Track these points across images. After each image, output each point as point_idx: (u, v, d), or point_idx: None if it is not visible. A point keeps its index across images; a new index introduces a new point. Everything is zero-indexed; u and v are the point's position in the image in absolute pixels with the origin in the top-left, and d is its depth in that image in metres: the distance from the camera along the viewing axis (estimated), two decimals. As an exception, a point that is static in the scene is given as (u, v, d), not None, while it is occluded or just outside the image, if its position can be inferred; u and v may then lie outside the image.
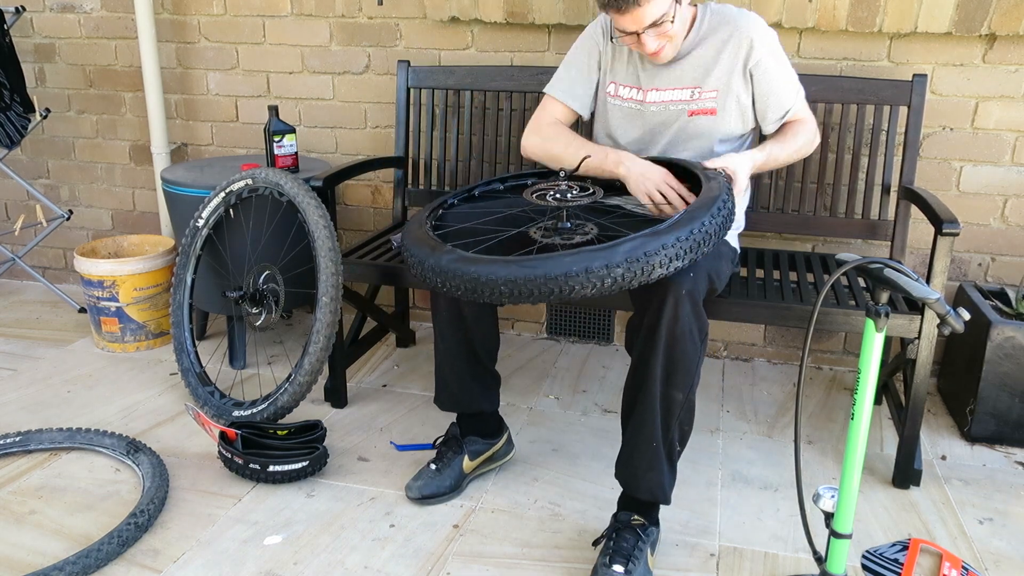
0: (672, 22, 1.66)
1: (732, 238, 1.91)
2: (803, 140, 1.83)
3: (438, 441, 1.96)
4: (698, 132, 1.82)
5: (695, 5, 1.82)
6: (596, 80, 1.92)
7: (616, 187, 1.81)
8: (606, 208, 1.86)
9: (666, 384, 1.53)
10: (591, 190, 1.68)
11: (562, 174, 1.71)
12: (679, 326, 1.50)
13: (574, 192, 1.67)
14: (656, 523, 1.66)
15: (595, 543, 1.66)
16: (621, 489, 1.67)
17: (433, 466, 1.88)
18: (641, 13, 1.61)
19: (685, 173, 1.73)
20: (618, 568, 1.54)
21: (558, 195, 1.66)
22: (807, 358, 1.94)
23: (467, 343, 1.81)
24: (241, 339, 2.57)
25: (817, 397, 2.42)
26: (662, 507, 1.71)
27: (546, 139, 1.88)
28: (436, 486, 1.85)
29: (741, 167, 1.69)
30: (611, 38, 1.84)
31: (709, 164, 1.67)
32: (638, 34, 1.66)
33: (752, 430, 2.22)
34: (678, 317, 1.49)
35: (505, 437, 1.99)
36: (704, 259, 1.58)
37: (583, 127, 2.05)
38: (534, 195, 1.68)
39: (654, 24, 1.64)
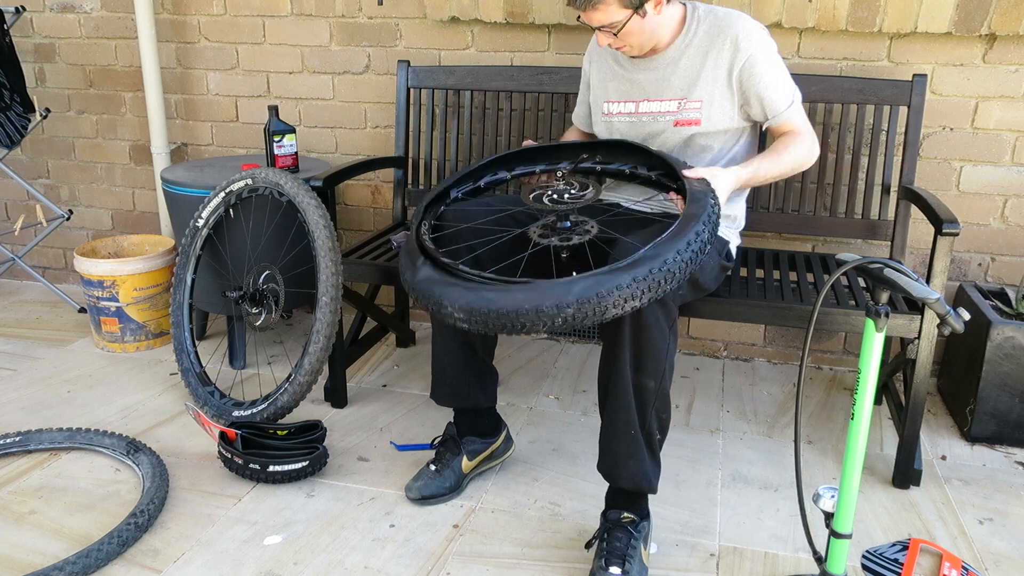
0: (624, 26, 1.68)
1: (725, 232, 1.91)
2: (798, 154, 1.77)
3: (436, 441, 1.96)
4: (683, 138, 1.83)
5: (684, 4, 1.80)
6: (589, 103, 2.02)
7: (626, 176, 1.82)
8: (605, 207, 1.86)
9: (636, 372, 1.55)
10: (589, 187, 1.67)
11: (563, 169, 1.71)
12: (643, 315, 1.51)
13: (572, 191, 1.67)
14: (646, 516, 1.66)
15: (587, 545, 1.66)
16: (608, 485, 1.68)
17: (432, 467, 1.88)
18: (592, 16, 1.68)
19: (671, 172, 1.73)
20: (615, 570, 1.54)
21: (555, 195, 1.66)
22: (807, 358, 1.94)
23: (464, 334, 1.81)
24: (241, 339, 2.58)
25: (817, 397, 2.42)
26: (663, 508, 1.71)
27: None
28: (436, 487, 1.85)
29: (723, 182, 1.65)
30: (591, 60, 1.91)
31: (690, 174, 1.62)
32: (593, 28, 1.73)
33: (752, 430, 2.23)
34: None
35: (503, 435, 1.99)
36: None
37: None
38: (531, 195, 1.68)
39: (605, 27, 1.70)
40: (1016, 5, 2.12)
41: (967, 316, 1.30)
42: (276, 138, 2.41)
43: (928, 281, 1.82)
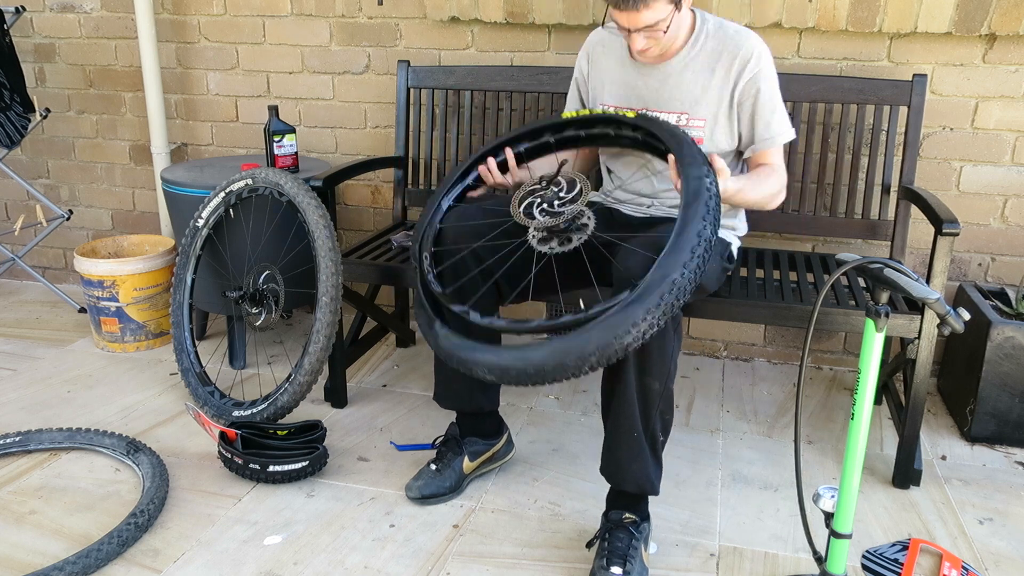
0: (665, 31, 1.64)
1: (726, 235, 1.91)
2: (771, 189, 1.73)
3: (438, 441, 1.96)
4: None
5: (693, 11, 1.77)
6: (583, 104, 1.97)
7: (611, 139, 1.79)
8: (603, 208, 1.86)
9: (641, 373, 1.54)
10: (576, 184, 1.66)
11: (542, 183, 1.69)
12: None
13: (560, 194, 1.65)
14: (647, 517, 1.66)
15: (588, 545, 1.66)
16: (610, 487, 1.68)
17: (433, 466, 1.88)
18: (638, 17, 1.61)
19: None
20: (616, 570, 1.54)
21: (544, 203, 1.64)
22: (807, 358, 1.94)
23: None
24: (241, 339, 2.58)
25: (817, 397, 2.42)
26: (663, 508, 1.70)
27: None
28: (436, 486, 1.85)
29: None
30: (603, 41, 1.82)
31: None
32: (629, 31, 1.65)
33: (752, 430, 2.23)
34: None
35: (505, 437, 1.99)
36: None
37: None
38: (520, 207, 1.67)
39: (648, 27, 1.63)
40: (1016, 5, 2.12)
41: (967, 316, 1.30)
42: (276, 138, 2.41)
43: (928, 281, 1.82)
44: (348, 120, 2.82)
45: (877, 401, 2.33)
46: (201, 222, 2.31)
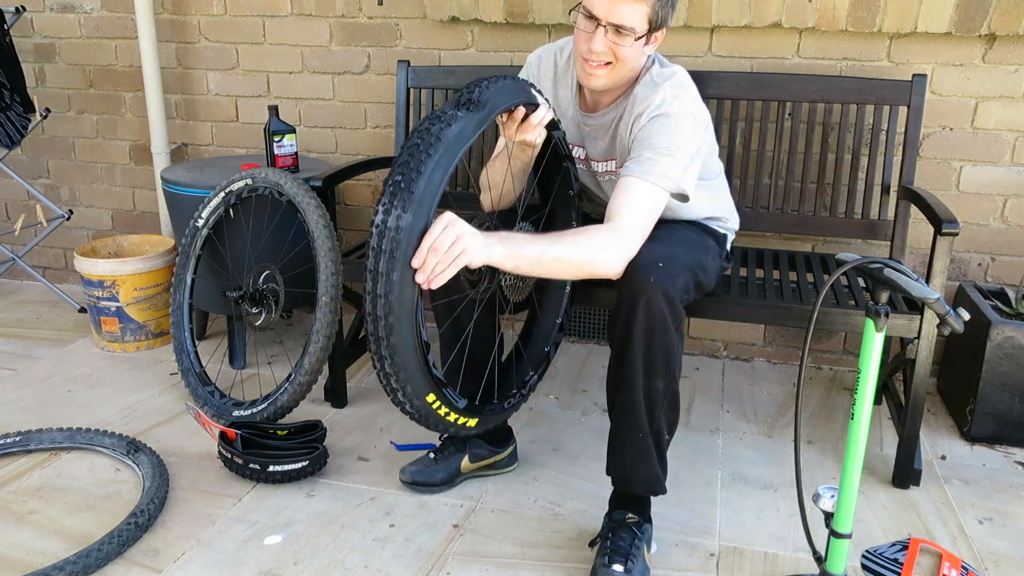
0: (633, 41, 1.56)
1: (719, 227, 1.91)
2: (586, 245, 1.49)
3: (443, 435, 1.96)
4: None
5: (652, 61, 1.69)
6: None
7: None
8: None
9: (647, 375, 1.54)
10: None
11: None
12: (654, 318, 1.50)
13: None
14: (649, 519, 1.66)
15: (591, 544, 1.66)
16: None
17: (432, 455, 1.89)
18: (619, 8, 1.51)
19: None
20: (618, 567, 1.54)
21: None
22: (807, 358, 1.94)
23: (469, 349, 1.80)
24: (241, 339, 2.58)
25: (817, 397, 2.42)
26: (663, 508, 1.70)
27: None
28: (428, 475, 1.86)
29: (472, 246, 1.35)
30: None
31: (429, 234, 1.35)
32: (598, 24, 1.54)
33: (752, 430, 2.23)
34: (652, 309, 1.49)
35: (510, 450, 1.98)
36: (685, 253, 1.60)
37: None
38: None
39: (619, 28, 1.54)
40: (1016, 5, 2.12)
41: (967, 316, 1.30)
42: (276, 138, 2.41)
43: (928, 281, 1.82)
44: (348, 120, 2.82)
45: (877, 401, 2.33)
46: (201, 222, 2.31)
